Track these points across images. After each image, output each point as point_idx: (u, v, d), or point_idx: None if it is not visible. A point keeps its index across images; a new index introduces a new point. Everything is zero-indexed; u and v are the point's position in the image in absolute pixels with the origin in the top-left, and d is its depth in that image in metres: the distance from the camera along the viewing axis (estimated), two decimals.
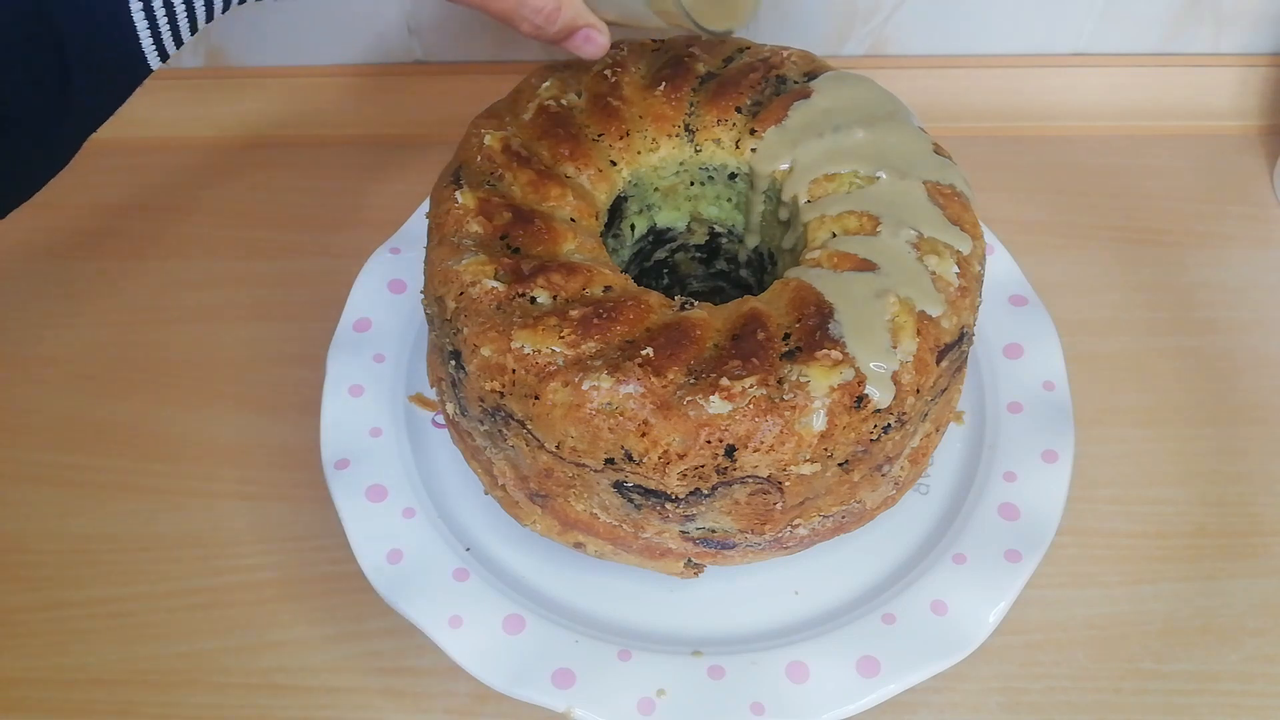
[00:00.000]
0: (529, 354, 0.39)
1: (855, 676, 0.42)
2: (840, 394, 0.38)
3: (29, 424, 0.55)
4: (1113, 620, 0.49)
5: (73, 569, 0.50)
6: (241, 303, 0.60)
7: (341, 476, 0.48)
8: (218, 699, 0.47)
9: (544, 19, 0.41)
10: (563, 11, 0.41)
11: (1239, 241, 0.63)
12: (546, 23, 0.41)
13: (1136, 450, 0.54)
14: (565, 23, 0.42)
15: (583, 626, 0.45)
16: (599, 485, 0.41)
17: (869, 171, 0.44)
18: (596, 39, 0.43)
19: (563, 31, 0.42)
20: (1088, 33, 0.68)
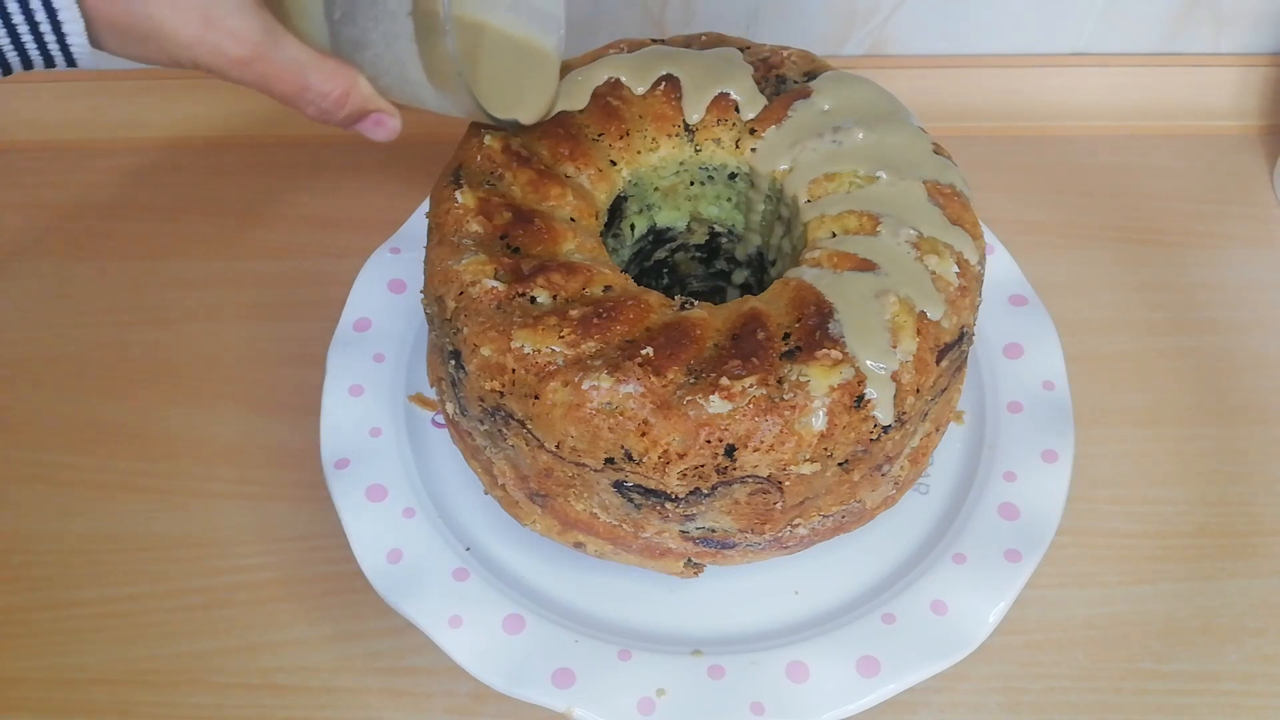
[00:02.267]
0: (529, 354, 0.39)
1: (855, 676, 0.42)
2: (840, 394, 0.38)
3: (29, 424, 0.55)
4: (1113, 620, 0.49)
5: (73, 569, 0.50)
6: (241, 303, 0.60)
7: (341, 476, 0.48)
8: (217, 699, 0.47)
9: (330, 104, 0.40)
10: (350, 99, 0.41)
11: (1239, 241, 0.63)
12: (333, 108, 0.40)
13: (1136, 450, 0.54)
14: (352, 109, 0.41)
15: (583, 626, 0.45)
16: (599, 485, 0.41)
17: (869, 171, 0.44)
18: (387, 123, 0.42)
19: (350, 118, 0.41)
20: (1088, 32, 0.68)
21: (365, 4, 0.39)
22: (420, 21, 0.37)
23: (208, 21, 0.37)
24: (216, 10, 0.37)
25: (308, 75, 0.39)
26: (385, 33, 0.38)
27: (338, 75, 0.40)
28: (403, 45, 0.38)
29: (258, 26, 0.38)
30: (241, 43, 0.38)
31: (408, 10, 0.37)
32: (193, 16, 0.37)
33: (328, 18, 0.40)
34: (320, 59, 0.40)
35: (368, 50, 0.40)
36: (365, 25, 0.39)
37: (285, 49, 0.39)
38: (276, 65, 0.39)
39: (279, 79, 0.39)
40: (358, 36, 0.39)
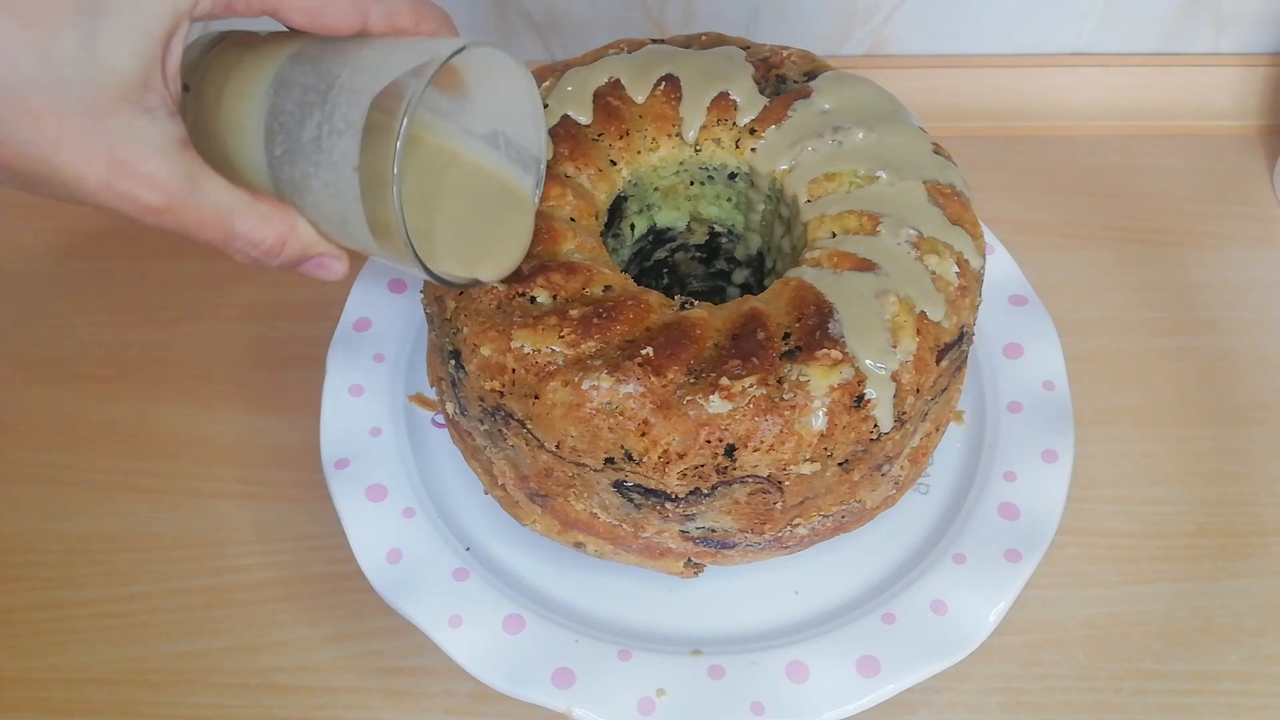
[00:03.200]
0: (529, 353, 0.39)
1: (855, 676, 0.42)
2: (840, 393, 0.38)
3: (29, 424, 0.55)
4: (1112, 620, 0.49)
5: (73, 569, 0.50)
6: (241, 303, 0.60)
7: (341, 476, 0.48)
8: (217, 698, 0.47)
9: (262, 253, 0.36)
10: (287, 246, 0.36)
11: (1239, 241, 0.63)
12: (266, 256, 0.36)
13: (1136, 450, 0.54)
14: (290, 256, 0.37)
15: (583, 626, 0.45)
16: (599, 485, 0.41)
17: (869, 171, 0.44)
18: (331, 266, 0.38)
19: (288, 264, 0.37)
20: (1088, 32, 0.68)
21: (309, 147, 0.34)
22: (367, 178, 0.34)
23: (116, 166, 0.32)
24: (128, 153, 0.32)
25: (234, 222, 0.35)
26: (328, 182, 0.35)
27: (271, 221, 0.35)
28: (346, 200, 0.34)
29: (177, 171, 0.33)
30: (156, 189, 0.32)
31: (354, 165, 0.34)
32: (98, 161, 0.31)
33: (267, 152, 0.35)
34: (251, 203, 0.35)
35: (308, 195, 0.35)
36: (306, 170, 0.35)
37: (208, 194, 0.34)
38: (197, 214, 0.34)
39: (200, 227, 0.34)
40: (298, 180, 0.35)
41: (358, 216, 0.35)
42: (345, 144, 0.34)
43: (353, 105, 0.34)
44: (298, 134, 0.35)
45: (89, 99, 0.31)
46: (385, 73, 0.34)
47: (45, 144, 0.31)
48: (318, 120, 0.34)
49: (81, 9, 0.30)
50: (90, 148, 0.31)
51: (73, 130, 0.31)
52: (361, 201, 0.34)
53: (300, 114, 0.34)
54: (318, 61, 0.35)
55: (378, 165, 0.33)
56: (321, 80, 0.34)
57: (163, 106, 0.32)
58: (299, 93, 0.35)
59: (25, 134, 0.31)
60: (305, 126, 0.34)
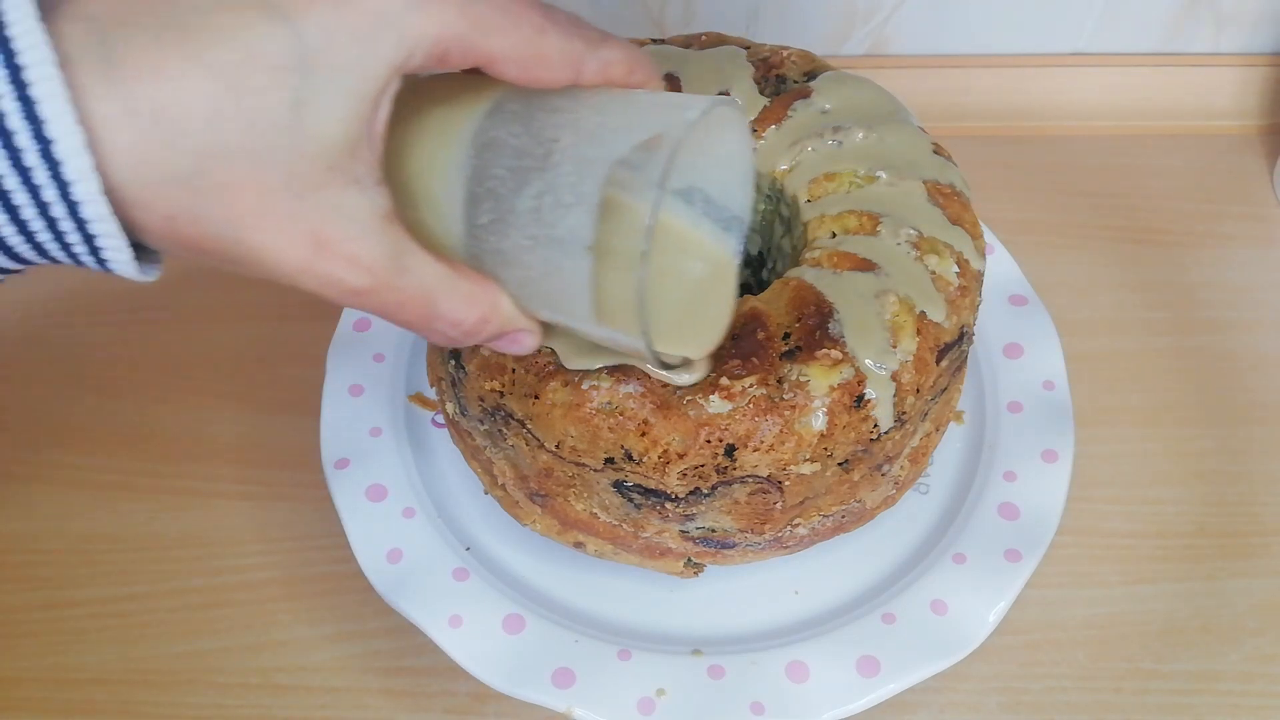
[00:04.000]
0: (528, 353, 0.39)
1: (855, 676, 0.42)
2: (840, 393, 0.38)
3: (29, 424, 0.55)
4: (1112, 620, 0.49)
5: (73, 569, 0.50)
6: (241, 303, 0.60)
7: (341, 476, 0.48)
8: (217, 698, 0.47)
9: (462, 333, 0.32)
10: (488, 326, 0.32)
11: (1239, 241, 0.63)
12: (465, 337, 0.32)
13: (1136, 450, 0.54)
14: (489, 335, 0.33)
15: (583, 626, 0.45)
16: (599, 485, 0.41)
17: (869, 171, 0.44)
18: (525, 340, 0.34)
19: (484, 341, 0.34)
20: (1088, 32, 0.68)
21: (525, 218, 0.30)
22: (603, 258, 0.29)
23: (319, 247, 0.28)
24: (334, 231, 0.28)
25: (438, 303, 0.31)
26: (547, 259, 0.30)
27: (475, 300, 0.32)
28: (569, 276, 0.30)
29: (383, 250, 0.29)
30: (360, 271, 0.29)
31: (587, 243, 0.29)
32: (300, 241, 0.28)
33: (468, 218, 0.31)
34: (454, 279, 0.31)
35: (517, 270, 0.31)
36: (520, 243, 0.30)
37: (413, 273, 0.30)
38: (400, 295, 0.30)
39: (400, 309, 0.30)
40: (507, 251, 0.31)
41: (582, 296, 0.30)
42: (576, 219, 0.29)
43: (584, 176, 0.29)
44: (511, 203, 0.30)
45: (296, 170, 0.27)
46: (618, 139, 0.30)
47: (244, 223, 0.27)
48: (537, 190, 0.30)
49: (291, 66, 0.26)
50: (293, 227, 0.28)
51: (276, 207, 0.27)
52: (591, 282, 0.30)
53: (514, 181, 0.30)
54: (528, 120, 0.31)
55: (619, 245, 0.29)
56: (537, 144, 0.30)
57: (369, 175, 0.29)
58: (510, 157, 0.30)
59: (222, 212, 0.27)
60: (521, 196, 0.30)
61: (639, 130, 0.30)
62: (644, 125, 0.30)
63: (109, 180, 0.26)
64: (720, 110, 0.31)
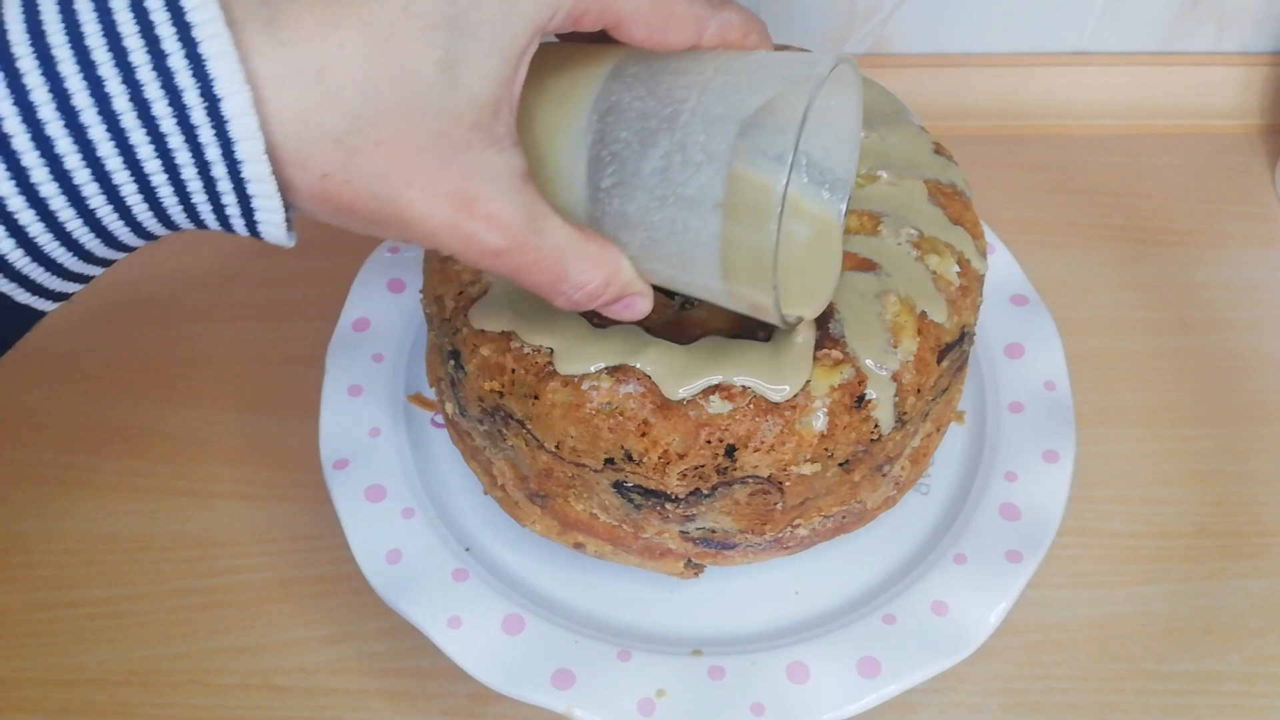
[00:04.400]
0: (528, 354, 0.39)
1: (855, 677, 0.42)
2: (841, 394, 0.38)
3: (29, 424, 0.55)
4: (1114, 620, 0.48)
5: (72, 569, 0.50)
6: (241, 303, 0.60)
7: (341, 476, 0.47)
8: (216, 699, 0.47)
9: (585, 295, 0.32)
10: (610, 289, 0.33)
11: (1240, 241, 0.63)
12: (587, 300, 0.33)
13: (1138, 450, 0.54)
14: (609, 298, 0.33)
15: (582, 627, 0.44)
16: (599, 485, 0.41)
17: (869, 171, 0.44)
18: (639, 305, 0.34)
19: (608, 303, 0.34)
20: (1088, 32, 0.68)
21: (651, 179, 0.30)
22: (734, 212, 0.30)
23: (464, 205, 0.29)
24: (478, 190, 0.29)
25: (568, 265, 0.31)
26: (673, 218, 0.31)
27: (599, 263, 0.32)
28: (697, 236, 0.31)
29: (521, 210, 0.30)
30: (499, 230, 0.29)
31: (718, 200, 0.30)
32: (446, 199, 0.28)
33: (590, 182, 0.32)
34: (582, 241, 0.32)
35: (641, 231, 0.32)
36: (645, 204, 0.31)
37: (547, 235, 0.30)
38: (534, 255, 0.31)
39: (533, 269, 0.31)
40: (631, 214, 0.31)
41: (708, 255, 0.31)
42: (706, 177, 0.30)
43: (713, 135, 0.30)
44: (637, 165, 0.31)
45: (444, 129, 0.28)
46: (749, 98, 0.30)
47: (393, 180, 0.28)
48: (665, 150, 0.30)
49: (442, 24, 0.27)
50: (439, 185, 0.28)
51: (425, 166, 0.28)
52: (721, 236, 0.30)
53: (640, 143, 0.31)
54: (652, 84, 0.31)
55: (749, 203, 0.29)
56: (664, 105, 0.31)
57: (508, 136, 0.29)
58: (635, 119, 0.31)
59: (374, 170, 0.27)
60: (647, 157, 0.30)
61: (768, 88, 0.30)
62: (772, 83, 0.30)
63: (270, 138, 0.26)
64: (842, 68, 0.32)
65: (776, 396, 0.38)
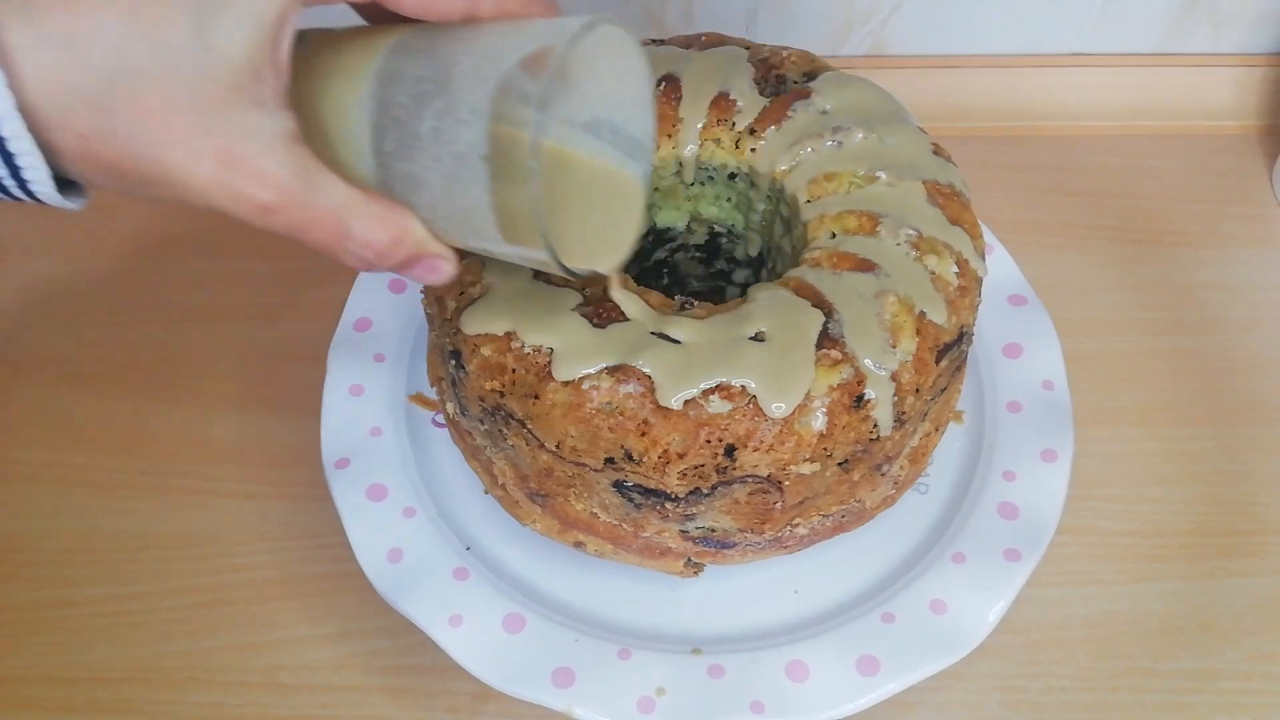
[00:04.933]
0: (529, 353, 0.39)
1: (855, 675, 0.42)
2: (840, 393, 0.38)
3: (29, 424, 0.55)
4: (1112, 619, 0.49)
5: (73, 568, 0.50)
6: (241, 303, 0.60)
7: (342, 476, 0.48)
8: (218, 697, 0.47)
9: (375, 254, 0.33)
10: (401, 247, 0.34)
11: (1238, 241, 0.63)
12: (379, 259, 0.33)
13: (1135, 449, 0.54)
14: (403, 257, 0.34)
15: (583, 625, 0.45)
16: (599, 485, 0.41)
17: (868, 172, 0.44)
18: (441, 268, 0.35)
19: (397, 266, 0.35)
20: (1086, 33, 0.68)
21: (427, 139, 0.32)
22: (498, 168, 0.31)
23: (228, 163, 0.30)
24: (241, 148, 0.30)
25: (349, 222, 0.32)
26: (449, 175, 0.32)
27: (386, 221, 0.33)
28: (471, 192, 0.32)
29: (290, 167, 0.31)
30: (269, 187, 0.30)
31: (482, 153, 0.31)
32: (209, 157, 0.30)
33: (375, 148, 0.33)
34: (365, 201, 0.33)
35: (425, 191, 0.33)
36: (425, 164, 0.32)
37: (322, 192, 0.32)
38: (311, 211, 0.32)
39: (312, 227, 0.32)
40: (414, 174, 0.33)
41: (484, 208, 0.32)
42: (472, 132, 0.31)
43: (478, 92, 0.31)
44: (414, 127, 0.32)
45: (201, 91, 0.29)
46: (512, 54, 0.31)
47: (155, 140, 0.29)
48: (437, 111, 0.32)
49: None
50: (202, 143, 0.29)
51: (184, 125, 0.29)
52: (490, 191, 0.32)
53: (416, 106, 0.32)
54: (430, 51, 0.33)
55: (510, 153, 0.31)
56: (438, 70, 0.32)
57: (274, 99, 0.31)
58: (412, 84, 0.32)
59: (134, 130, 0.29)
60: (423, 119, 0.32)
61: (528, 45, 0.31)
62: (533, 41, 0.32)
63: (24, 99, 0.28)
64: (606, 28, 0.33)
65: (775, 413, 0.38)
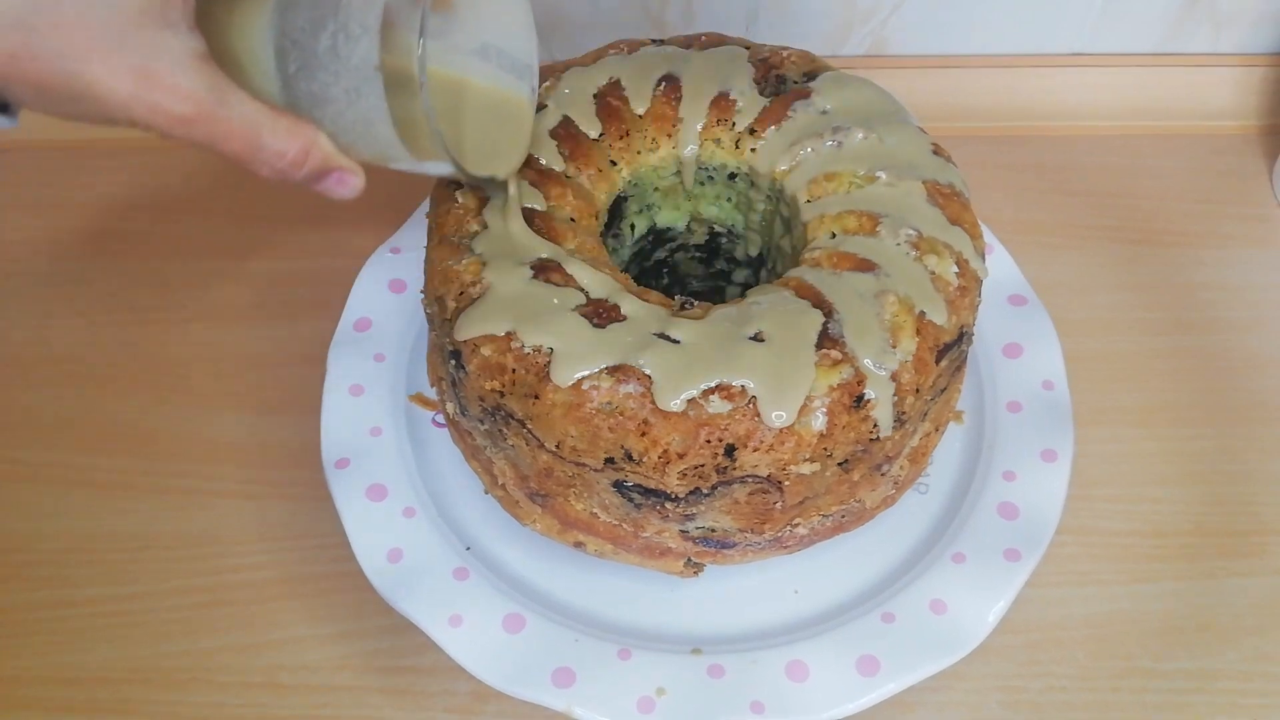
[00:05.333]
0: (529, 353, 0.39)
1: (855, 675, 0.42)
2: (840, 393, 0.38)
3: (29, 424, 0.55)
4: (1111, 619, 0.49)
5: (73, 568, 0.50)
6: (241, 303, 0.60)
7: (342, 476, 0.48)
8: (218, 697, 0.47)
9: (286, 164, 0.37)
10: (309, 158, 0.37)
11: (1238, 241, 0.63)
12: (289, 169, 0.37)
13: (1135, 449, 0.54)
14: (312, 169, 0.38)
15: (583, 625, 0.45)
16: (599, 485, 0.41)
17: (868, 172, 0.45)
18: (350, 181, 0.39)
19: (310, 177, 0.38)
20: (1087, 32, 0.68)
21: (325, 57, 0.35)
22: (391, 77, 0.34)
23: (145, 77, 0.33)
24: (155, 65, 0.33)
25: (261, 134, 0.36)
26: (349, 89, 0.35)
27: (294, 133, 0.37)
28: (370, 103, 0.35)
29: (203, 82, 0.34)
30: (184, 100, 0.34)
31: (375, 64, 0.34)
32: (126, 73, 0.33)
33: (280, 71, 0.36)
34: (274, 115, 0.36)
35: (329, 106, 0.36)
36: (325, 80, 0.36)
37: (234, 106, 0.35)
38: (225, 124, 0.35)
39: (228, 138, 0.36)
40: (317, 92, 0.36)
41: (382, 117, 0.36)
42: (364, 47, 0.34)
43: (367, 9, 0.34)
44: (312, 48, 0.35)
45: (115, 11, 0.32)
46: None
47: (76, 57, 0.32)
48: (332, 30, 0.35)
49: None
50: (119, 61, 0.33)
51: (102, 44, 0.32)
52: (386, 99, 0.35)
53: (312, 28, 0.35)
54: None
55: (401, 56, 0.34)
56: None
57: (183, 21, 0.34)
58: (308, 9, 0.35)
59: (57, 47, 0.32)
60: (320, 39, 0.35)
61: None
62: None
63: None
64: None
65: (776, 422, 0.38)
